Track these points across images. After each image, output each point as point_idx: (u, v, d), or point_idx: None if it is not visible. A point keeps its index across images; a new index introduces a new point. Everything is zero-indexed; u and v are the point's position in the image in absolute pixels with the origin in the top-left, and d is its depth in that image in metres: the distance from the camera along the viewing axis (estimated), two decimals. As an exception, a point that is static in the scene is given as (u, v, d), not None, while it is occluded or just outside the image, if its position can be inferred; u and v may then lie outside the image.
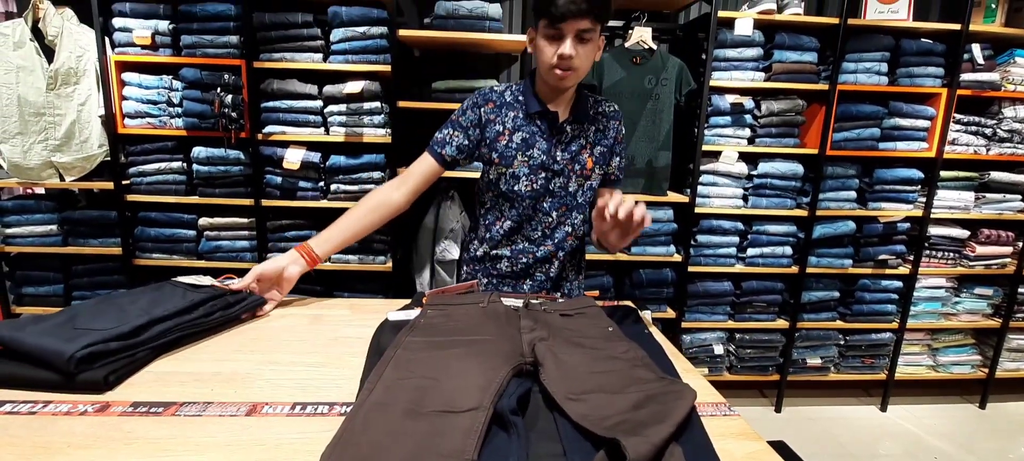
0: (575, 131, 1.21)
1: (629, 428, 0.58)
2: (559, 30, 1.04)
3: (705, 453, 0.59)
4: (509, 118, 1.20)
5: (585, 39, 1.06)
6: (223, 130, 2.06)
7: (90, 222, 2.23)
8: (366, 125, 2.14)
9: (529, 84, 1.20)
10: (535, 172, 1.20)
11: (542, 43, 1.09)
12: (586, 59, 1.09)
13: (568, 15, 1.01)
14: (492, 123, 1.20)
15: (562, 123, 1.19)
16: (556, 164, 1.20)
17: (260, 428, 0.66)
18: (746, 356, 2.54)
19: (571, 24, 1.02)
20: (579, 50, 1.06)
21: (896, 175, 2.36)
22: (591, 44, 1.08)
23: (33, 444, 0.61)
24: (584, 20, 1.02)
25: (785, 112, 2.27)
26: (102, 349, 0.74)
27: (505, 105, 1.21)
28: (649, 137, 2.23)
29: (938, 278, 2.57)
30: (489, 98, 1.21)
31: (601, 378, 0.71)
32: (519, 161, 1.20)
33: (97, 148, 2.16)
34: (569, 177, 1.22)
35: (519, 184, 1.21)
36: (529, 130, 1.19)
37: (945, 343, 2.70)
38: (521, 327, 0.86)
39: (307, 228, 2.24)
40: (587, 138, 1.22)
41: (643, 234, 2.29)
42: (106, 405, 0.69)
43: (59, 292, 2.28)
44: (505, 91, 1.22)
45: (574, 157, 1.21)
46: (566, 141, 1.20)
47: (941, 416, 2.64)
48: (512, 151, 1.19)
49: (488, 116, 1.20)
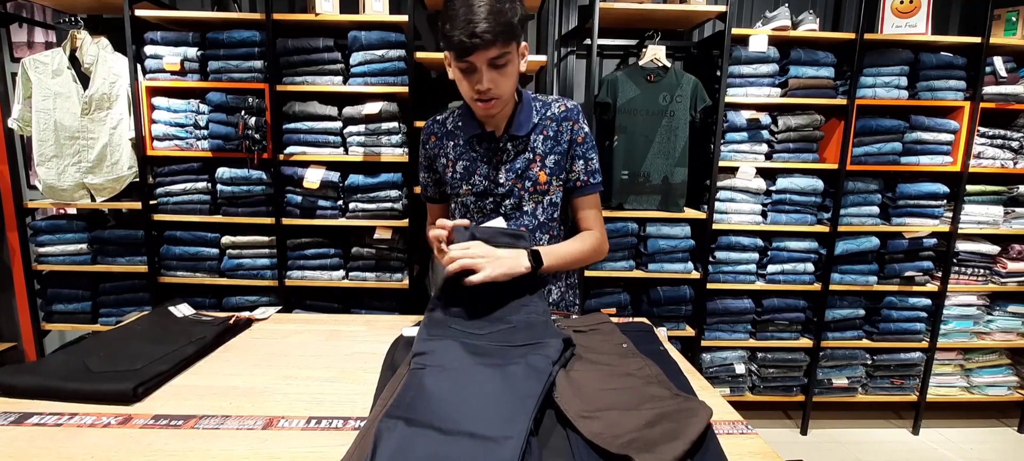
0: (518, 146, 1.11)
1: (642, 446, 0.58)
2: (469, 63, 0.96)
3: None
4: (450, 147, 1.15)
5: (500, 64, 0.97)
6: (247, 151, 2.12)
7: (118, 241, 2.30)
8: (384, 145, 2.19)
9: (466, 106, 1.12)
10: (481, 198, 1.14)
11: (458, 75, 1.01)
12: (507, 83, 1.00)
13: (472, 49, 0.93)
14: (437, 157, 1.17)
15: (500, 140, 1.11)
16: (500, 187, 1.12)
17: (276, 442, 0.67)
18: (769, 376, 2.48)
19: (480, 55, 0.94)
20: (496, 78, 0.98)
21: (920, 190, 2.31)
22: (510, 65, 0.99)
23: (58, 455, 0.63)
24: (492, 49, 0.94)
25: (803, 127, 2.25)
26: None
27: (446, 134, 1.16)
28: (665, 154, 2.23)
29: (969, 295, 2.49)
30: (431, 132, 1.18)
31: (614, 395, 0.71)
32: (464, 190, 1.14)
33: (127, 170, 2.24)
34: (520, 197, 1.13)
35: (469, 212, 1.16)
36: (469, 156, 1.13)
37: (979, 363, 2.59)
38: None
39: (326, 246, 2.27)
40: (534, 150, 1.12)
41: (660, 251, 2.28)
42: (128, 418, 0.71)
43: (87, 309, 2.35)
44: (447, 118, 1.17)
45: (521, 174, 1.12)
46: (509, 159, 1.12)
47: (977, 440, 2.53)
48: (458, 181, 1.14)
49: (433, 151, 1.17)
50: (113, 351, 0.87)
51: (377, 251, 2.27)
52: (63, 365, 0.82)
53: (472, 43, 0.92)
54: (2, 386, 0.76)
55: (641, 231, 2.31)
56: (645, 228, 2.30)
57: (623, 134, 2.22)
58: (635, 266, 2.35)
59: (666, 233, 2.29)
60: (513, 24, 0.94)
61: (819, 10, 2.54)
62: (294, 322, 1.19)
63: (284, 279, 2.26)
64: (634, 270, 2.34)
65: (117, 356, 0.85)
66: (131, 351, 0.87)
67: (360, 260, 2.28)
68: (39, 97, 2.14)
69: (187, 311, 1.07)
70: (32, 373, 0.78)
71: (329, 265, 2.28)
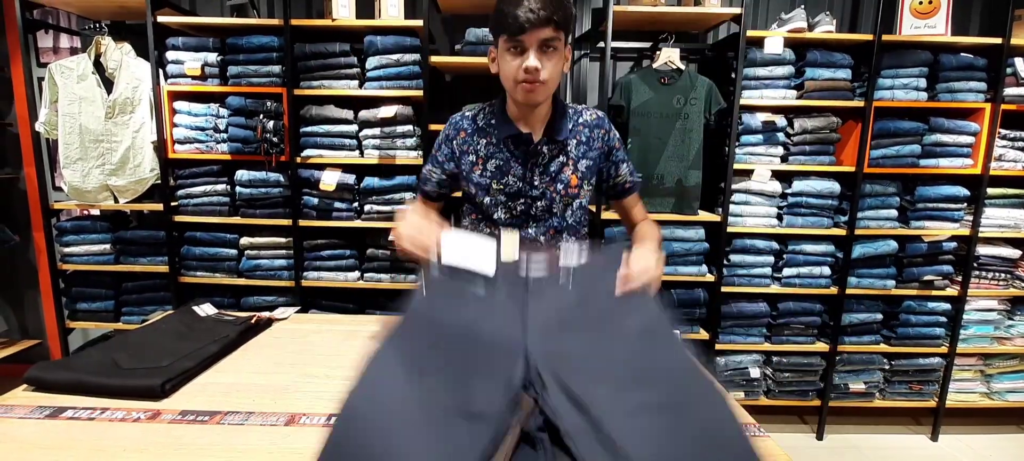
0: (553, 150, 1.12)
1: None
2: (520, 42, 0.98)
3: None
4: (482, 145, 1.13)
5: (550, 49, 0.99)
6: (265, 154, 2.16)
7: (140, 241, 2.35)
8: (399, 147, 2.21)
9: (500, 105, 1.12)
10: (513, 199, 1.13)
11: (506, 58, 1.02)
12: (554, 71, 1.02)
13: (528, 25, 0.95)
14: (466, 154, 1.14)
15: (537, 144, 1.10)
16: (534, 190, 1.12)
17: (298, 438, 0.69)
18: (784, 380, 2.46)
19: (533, 34, 0.96)
20: (545, 62, 0.99)
21: (940, 192, 2.28)
22: (557, 54, 1.01)
23: (91, 448, 0.65)
24: (546, 29, 0.96)
25: (819, 130, 2.23)
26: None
27: (477, 131, 1.14)
28: (679, 157, 2.22)
29: (989, 300, 2.44)
30: (460, 127, 1.15)
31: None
32: (495, 189, 1.12)
33: (149, 172, 2.29)
34: (552, 199, 1.13)
35: (498, 212, 1.14)
36: (502, 156, 1.12)
37: (1000, 369, 2.54)
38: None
39: (341, 247, 2.30)
40: (568, 154, 1.13)
41: (673, 254, 2.28)
42: (157, 413, 0.74)
43: (110, 307, 2.41)
44: (478, 115, 1.16)
45: (555, 177, 1.12)
46: (544, 162, 1.12)
47: (999, 447, 2.48)
48: (487, 180, 1.12)
49: (461, 147, 1.14)
50: (141, 349, 0.90)
51: (392, 252, 2.29)
52: (94, 362, 0.85)
53: (527, 18, 0.94)
54: (36, 381, 0.79)
55: (654, 234, 2.31)
56: (659, 231, 2.29)
57: (637, 137, 2.22)
58: (648, 269, 2.34)
59: (680, 236, 2.28)
60: (569, 12, 0.99)
61: (836, 11, 2.51)
62: (313, 322, 1.22)
63: (301, 280, 2.30)
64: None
65: (145, 354, 0.88)
66: (158, 349, 0.90)
67: (375, 261, 2.31)
68: (65, 101, 2.20)
69: (210, 311, 1.10)
70: (65, 369, 0.81)
71: (344, 266, 2.31)
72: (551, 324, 0.78)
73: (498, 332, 0.75)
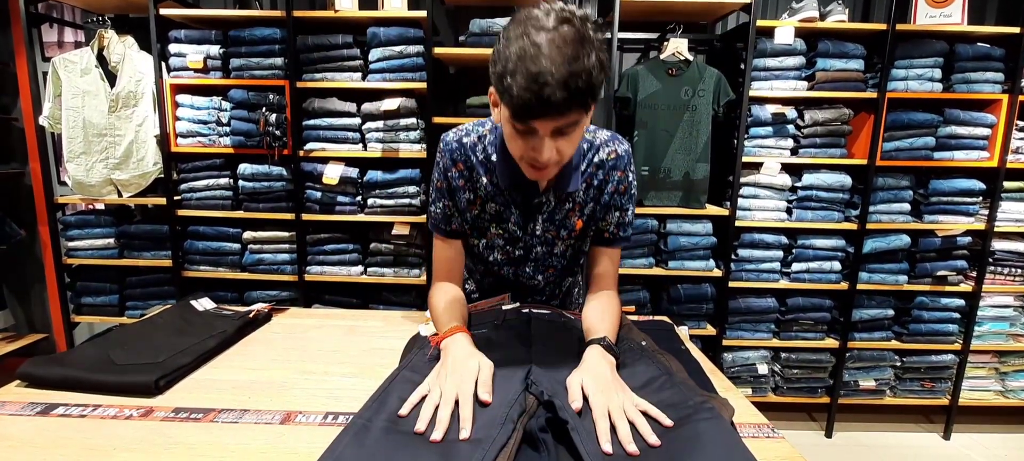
0: (560, 196, 0.97)
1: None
2: (529, 127, 0.75)
3: None
4: (481, 184, 0.97)
5: (568, 133, 0.77)
6: (267, 148, 2.15)
7: (144, 236, 2.35)
8: (402, 141, 2.19)
9: (503, 142, 0.92)
10: (511, 244, 1.03)
11: (509, 130, 0.79)
12: (570, 149, 0.81)
13: (538, 115, 0.72)
14: (461, 190, 0.98)
15: (543, 193, 0.96)
16: (534, 238, 1.01)
17: (294, 436, 0.67)
18: (793, 376, 2.42)
19: (546, 123, 0.74)
20: (561, 146, 0.78)
21: (954, 186, 2.22)
22: (578, 130, 0.79)
23: (82, 446, 0.63)
24: (564, 118, 0.73)
25: (830, 122, 2.18)
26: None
27: (476, 166, 0.97)
28: (686, 149, 2.18)
29: (1005, 296, 2.39)
30: (456, 159, 0.97)
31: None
32: (492, 232, 1.02)
33: (152, 166, 2.28)
34: (553, 243, 1.02)
35: (494, 254, 1.04)
36: (502, 199, 0.98)
37: (1015, 367, 2.49)
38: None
39: (344, 241, 2.29)
40: (575, 200, 0.98)
41: (680, 248, 2.24)
42: (150, 410, 0.72)
43: (114, 302, 2.41)
44: (476, 145, 0.97)
45: (559, 225, 1.00)
46: (548, 211, 0.98)
47: (1013, 446, 2.43)
48: (484, 223, 1.01)
49: (456, 182, 0.98)
50: (136, 344, 0.88)
51: (395, 247, 2.28)
52: (88, 357, 0.83)
53: (540, 108, 0.71)
54: (29, 377, 0.78)
55: (661, 228, 2.28)
56: (665, 225, 2.26)
57: (644, 129, 2.18)
58: (655, 263, 2.32)
59: (687, 230, 2.25)
60: (594, 88, 0.72)
61: (848, 0, 2.46)
62: (313, 317, 1.20)
63: (303, 274, 2.29)
64: (654, 268, 2.30)
65: (140, 349, 0.86)
66: (154, 344, 0.88)
67: (378, 256, 2.29)
68: (68, 95, 2.19)
69: (208, 305, 1.08)
70: (58, 365, 0.80)
71: (348, 260, 2.30)
72: (551, 350, 0.83)
73: (501, 360, 0.78)
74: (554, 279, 1.09)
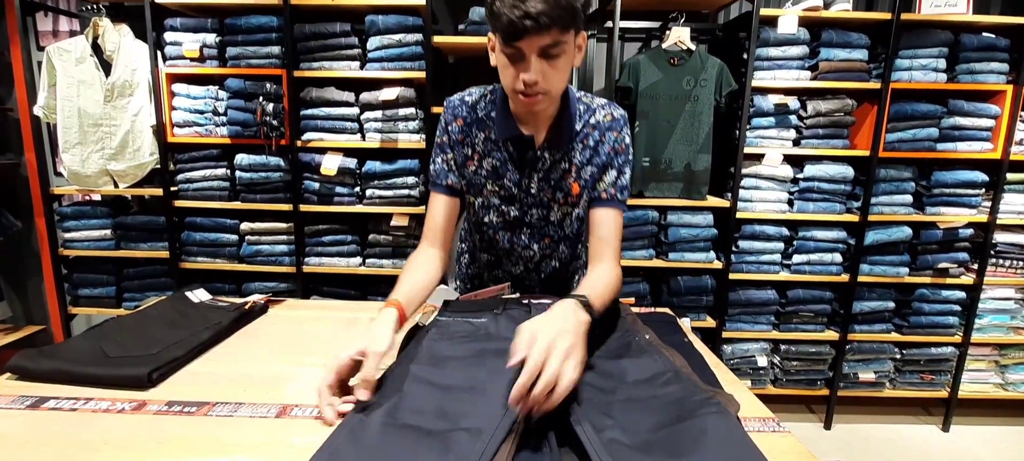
0: (555, 155, 0.98)
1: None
2: (517, 49, 0.81)
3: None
4: (479, 140, 1.00)
5: (553, 54, 0.82)
6: (265, 138, 2.12)
7: (141, 227, 2.33)
8: (401, 131, 2.17)
9: (503, 98, 0.96)
10: (506, 204, 1.03)
11: (502, 61, 0.86)
12: (559, 77, 0.86)
13: (523, 32, 0.78)
14: (460, 145, 1.01)
15: (538, 149, 0.97)
16: (530, 197, 1.01)
17: (289, 430, 0.66)
18: (792, 368, 2.42)
19: (531, 41, 0.80)
20: (547, 70, 0.83)
21: (957, 178, 2.21)
22: (564, 57, 0.84)
23: (71, 441, 0.62)
24: (547, 34, 0.79)
25: (833, 112, 2.16)
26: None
27: (475, 123, 1.00)
28: (688, 140, 2.16)
29: (1006, 288, 2.38)
30: (457, 114, 1.01)
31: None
32: (488, 190, 1.02)
33: (148, 156, 2.26)
34: (549, 207, 1.03)
35: (489, 215, 1.05)
36: (500, 156, 0.99)
37: (1015, 359, 2.49)
38: None
39: (343, 233, 2.27)
40: (571, 160, 0.99)
41: (681, 240, 2.23)
42: (143, 403, 0.71)
43: (111, 293, 2.40)
44: (478, 103, 1.01)
45: (555, 185, 1.00)
46: (544, 168, 0.99)
47: (1012, 439, 2.43)
48: (481, 180, 1.01)
49: (455, 137, 1.01)
50: (130, 336, 0.87)
51: (394, 238, 2.26)
52: (80, 350, 0.82)
53: (523, 25, 0.77)
54: (20, 370, 0.76)
55: (662, 220, 2.26)
56: (666, 216, 2.25)
57: (645, 120, 2.16)
58: (655, 255, 2.30)
59: (688, 221, 2.23)
60: (575, 8, 0.80)
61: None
62: (310, 308, 1.18)
63: (302, 265, 2.27)
64: (654, 259, 2.29)
65: (133, 341, 0.85)
66: (147, 336, 0.87)
67: (377, 247, 2.28)
68: (63, 85, 2.16)
69: (203, 296, 1.07)
70: (49, 357, 0.78)
71: (346, 252, 2.28)
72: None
73: (501, 349, 0.75)
74: (550, 251, 1.09)
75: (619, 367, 0.76)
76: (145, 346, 0.83)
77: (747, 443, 0.56)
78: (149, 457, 0.60)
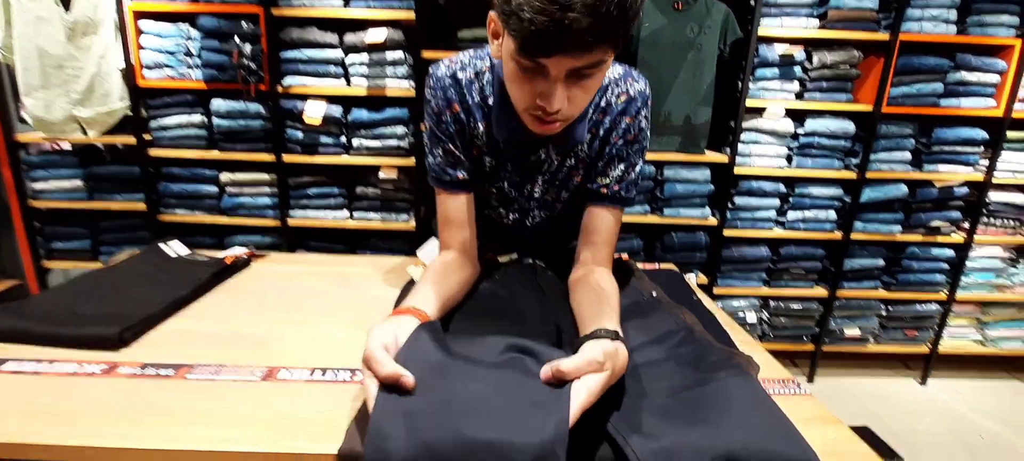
0: (563, 151, 0.83)
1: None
2: (539, 65, 0.61)
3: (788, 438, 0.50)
4: (478, 133, 0.82)
5: (587, 75, 0.63)
6: (242, 82, 2.00)
7: (114, 178, 2.22)
8: (388, 76, 2.05)
9: (502, 84, 0.76)
10: (505, 204, 0.90)
11: (512, 70, 0.65)
12: (586, 100, 0.67)
13: (555, 49, 0.57)
14: (459, 136, 0.83)
15: (544, 149, 0.82)
16: (532, 201, 0.89)
17: (277, 394, 0.61)
18: (780, 325, 2.44)
19: (561, 61, 0.59)
20: (576, 94, 0.64)
21: (958, 135, 2.17)
22: (597, 76, 0.64)
23: (35, 407, 0.56)
24: (587, 55, 0.59)
25: (839, 64, 2.09)
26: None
27: (473, 109, 0.81)
28: (689, 91, 2.08)
29: (994, 247, 2.40)
30: (449, 98, 0.80)
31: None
32: (485, 190, 0.89)
33: (118, 102, 2.12)
34: (553, 207, 0.91)
35: (486, 209, 0.92)
36: (499, 155, 0.84)
37: (996, 317, 2.54)
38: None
39: (329, 185, 2.18)
40: (578, 155, 0.84)
41: (677, 195, 2.18)
42: (114, 366, 0.65)
43: (87, 247, 2.30)
44: (473, 84, 0.80)
45: (561, 185, 0.87)
46: (550, 170, 0.85)
47: (985, 392, 2.51)
48: (480, 179, 0.87)
49: (451, 128, 0.82)
50: (100, 292, 0.80)
51: (382, 191, 2.18)
52: (46, 307, 0.75)
53: (557, 42, 0.56)
54: (-22, 328, 0.70)
55: (659, 175, 2.21)
56: (663, 171, 2.19)
57: (645, 69, 2.07)
58: (650, 211, 2.26)
59: (685, 177, 2.18)
60: (629, 19, 0.57)
61: (864, -66, 2.31)
62: (296, 263, 1.12)
63: (287, 218, 2.19)
64: (649, 215, 2.25)
65: (103, 298, 0.78)
66: (118, 292, 0.80)
67: (365, 200, 2.20)
68: (19, 21, 1.99)
69: (181, 250, 1.00)
70: (14, 315, 0.72)
71: (333, 204, 2.20)
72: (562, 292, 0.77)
73: (522, 298, 0.73)
74: (553, 240, 0.99)
75: (625, 328, 0.71)
76: (116, 303, 0.76)
77: (774, 409, 0.52)
78: (120, 425, 0.54)
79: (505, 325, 0.65)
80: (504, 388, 0.51)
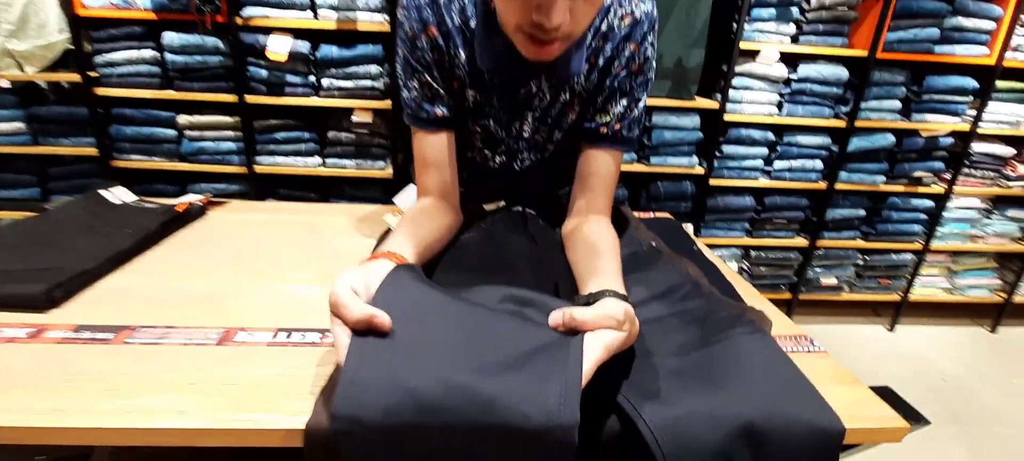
0: (557, 84, 0.73)
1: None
2: None
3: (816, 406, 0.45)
4: (459, 62, 0.71)
5: None
6: (197, 13, 1.81)
7: (59, 119, 2.03)
8: (360, 8, 1.88)
9: (485, 6, 0.67)
10: (491, 148, 0.80)
11: None
12: (589, 16, 0.59)
13: None
14: (438, 65, 0.72)
15: (535, 80, 0.72)
16: (521, 141, 0.79)
17: (234, 360, 0.54)
18: (759, 274, 2.45)
19: None
20: (579, 6, 0.56)
21: (948, 83, 2.13)
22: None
23: (-56, 377, 0.48)
24: None
25: (837, 5, 2.00)
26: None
27: (452, 32, 0.69)
28: (681, 33, 1.97)
29: (972, 198, 2.42)
30: (426, 21, 0.69)
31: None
32: (468, 129, 0.78)
33: (57, 34, 1.91)
34: (544, 149, 0.81)
35: (470, 151, 0.82)
36: (483, 84, 0.73)
37: (966, 266, 2.60)
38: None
39: (299, 129, 2.04)
40: (572, 89, 0.74)
41: (664, 143, 2.11)
42: (42, 329, 0.56)
43: (36, 195, 2.13)
44: (452, 5, 0.69)
45: (553, 124, 0.77)
46: (541, 106, 0.75)
47: (950, 338, 2.60)
48: (460, 115, 0.77)
49: (429, 55, 0.71)
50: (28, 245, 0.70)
51: (356, 136, 2.05)
52: (-37, 261, 0.65)
53: None
54: None
55: (647, 121, 2.12)
56: (651, 118, 2.11)
57: (635, 7, 1.94)
58: (636, 159, 2.19)
59: (673, 124, 2.11)
60: None
61: None
62: (259, 211, 1.02)
63: (253, 165, 2.05)
64: (635, 163, 2.18)
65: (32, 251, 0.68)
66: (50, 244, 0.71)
67: (338, 145, 2.07)
68: (-69, -64, 1.75)
69: (125, 196, 0.89)
70: (-81, 270, 0.62)
71: (303, 150, 2.07)
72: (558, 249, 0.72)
73: (511, 249, 0.68)
74: (542, 191, 0.90)
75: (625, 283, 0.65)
76: (46, 258, 0.67)
77: (793, 371, 0.48)
78: (49, 398, 0.47)
79: (494, 279, 0.58)
80: (502, 330, 0.44)
